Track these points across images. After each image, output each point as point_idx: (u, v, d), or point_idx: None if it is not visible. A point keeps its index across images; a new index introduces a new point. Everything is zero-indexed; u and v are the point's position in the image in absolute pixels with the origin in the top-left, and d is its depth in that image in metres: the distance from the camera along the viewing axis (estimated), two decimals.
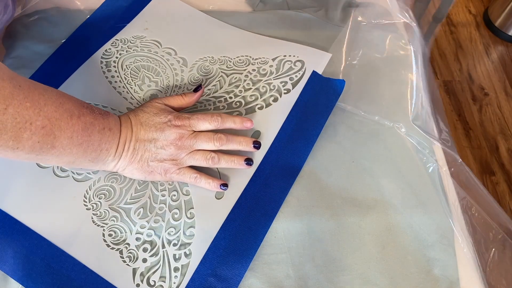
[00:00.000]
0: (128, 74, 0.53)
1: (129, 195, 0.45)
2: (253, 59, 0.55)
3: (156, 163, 0.44)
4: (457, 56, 1.62)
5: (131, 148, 0.44)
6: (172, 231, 0.43)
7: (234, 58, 0.56)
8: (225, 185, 0.45)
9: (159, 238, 0.43)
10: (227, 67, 0.55)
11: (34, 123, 0.35)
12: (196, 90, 0.49)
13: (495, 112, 1.49)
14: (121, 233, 0.43)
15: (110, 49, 0.55)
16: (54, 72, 0.52)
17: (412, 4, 0.63)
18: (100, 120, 0.41)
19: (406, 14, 0.61)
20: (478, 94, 1.53)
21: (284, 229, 0.45)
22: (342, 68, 0.56)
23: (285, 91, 0.52)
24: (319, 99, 0.52)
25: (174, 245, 0.43)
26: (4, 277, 0.41)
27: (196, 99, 0.49)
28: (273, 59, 0.55)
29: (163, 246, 0.43)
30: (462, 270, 0.44)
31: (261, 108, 0.51)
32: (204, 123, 0.46)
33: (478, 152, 1.40)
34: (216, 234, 0.43)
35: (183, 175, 0.45)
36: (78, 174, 0.46)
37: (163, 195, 0.46)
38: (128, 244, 0.43)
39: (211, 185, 0.45)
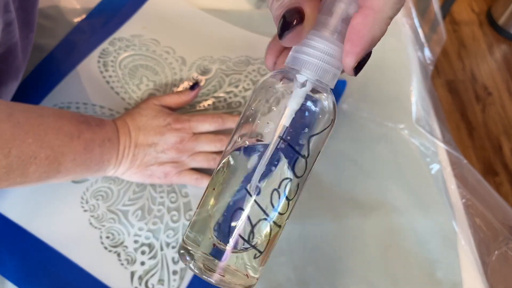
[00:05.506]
0: (126, 73, 0.53)
1: (127, 197, 0.45)
2: (253, 59, 0.55)
3: (156, 167, 0.43)
4: (460, 55, 1.62)
5: (130, 154, 0.43)
6: (171, 234, 0.43)
7: (234, 58, 0.55)
8: None
9: (158, 240, 0.42)
10: (226, 67, 0.54)
11: (38, 157, 0.35)
12: (192, 88, 0.48)
13: (498, 112, 1.48)
14: (118, 235, 0.43)
15: (107, 48, 0.54)
16: (50, 72, 0.52)
17: (415, 2, 0.62)
18: (99, 133, 0.41)
19: (408, 14, 0.61)
20: (481, 93, 1.52)
21: (285, 231, 0.44)
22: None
23: None
24: None
25: (173, 247, 0.42)
26: (1, 279, 0.40)
27: (193, 97, 0.48)
28: None
29: (162, 249, 0.42)
30: (465, 273, 0.44)
31: None
32: (204, 125, 0.45)
33: (481, 152, 1.39)
34: None
35: (184, 177, 0.44)
36: None
37: (161, 197, 0.45)
38: (126, 246, 0.42)
39: None
